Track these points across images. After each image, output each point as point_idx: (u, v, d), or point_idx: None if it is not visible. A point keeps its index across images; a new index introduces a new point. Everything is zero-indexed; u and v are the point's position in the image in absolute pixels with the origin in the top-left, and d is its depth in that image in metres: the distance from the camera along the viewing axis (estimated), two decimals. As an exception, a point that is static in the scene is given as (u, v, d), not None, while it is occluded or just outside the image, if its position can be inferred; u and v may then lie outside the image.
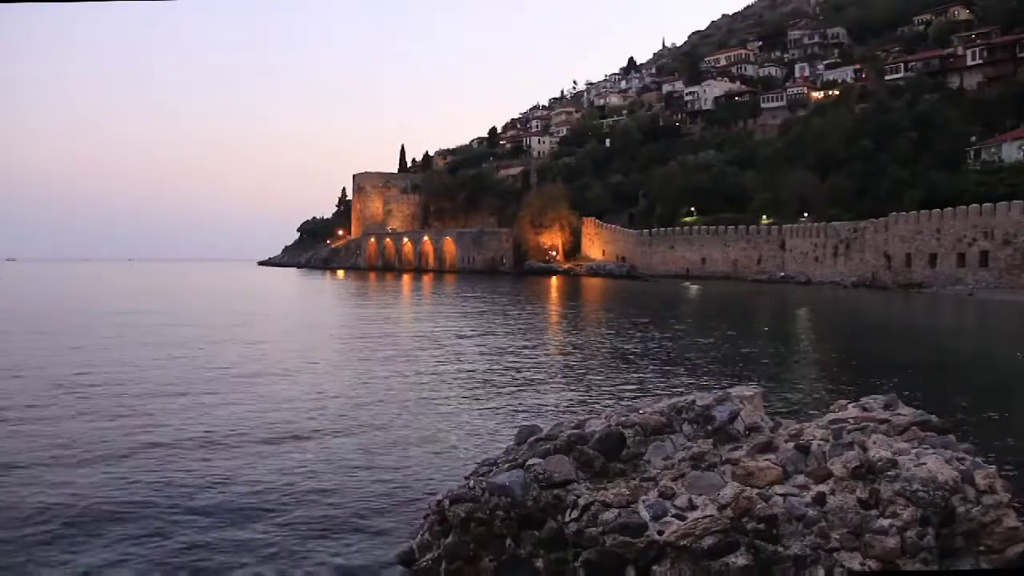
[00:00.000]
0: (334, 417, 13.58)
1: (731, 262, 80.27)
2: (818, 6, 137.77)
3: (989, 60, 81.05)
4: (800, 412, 12.49)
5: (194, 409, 14.11)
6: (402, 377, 18.25)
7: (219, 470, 10.07)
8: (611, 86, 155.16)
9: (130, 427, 12.58)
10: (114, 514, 8.33)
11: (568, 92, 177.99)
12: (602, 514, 5.32)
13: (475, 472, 6.23)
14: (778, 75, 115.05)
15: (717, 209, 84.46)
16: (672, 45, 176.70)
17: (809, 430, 5.84)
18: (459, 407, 14.53)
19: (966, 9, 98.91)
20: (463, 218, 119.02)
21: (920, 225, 59.57)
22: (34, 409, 13.98)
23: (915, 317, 39.36)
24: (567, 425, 6.41)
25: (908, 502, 4.87)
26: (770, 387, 15.44)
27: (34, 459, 10.56)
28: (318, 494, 9.07)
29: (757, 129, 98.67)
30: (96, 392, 15.77)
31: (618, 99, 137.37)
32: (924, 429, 5.76)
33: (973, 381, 17.61)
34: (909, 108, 76.95)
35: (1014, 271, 51.96)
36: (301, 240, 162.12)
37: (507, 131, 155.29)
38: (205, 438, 11.82)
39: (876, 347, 24.41)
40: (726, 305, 46.84)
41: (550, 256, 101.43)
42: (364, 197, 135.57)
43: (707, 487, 5.32)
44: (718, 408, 6.03)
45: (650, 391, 15.81)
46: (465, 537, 5.62)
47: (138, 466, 10.25)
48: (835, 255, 68.69)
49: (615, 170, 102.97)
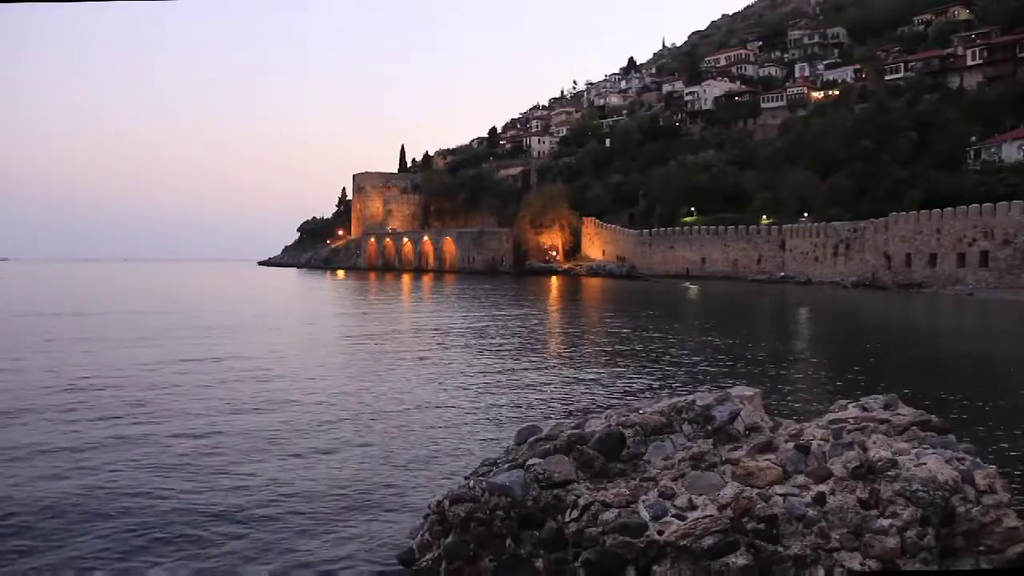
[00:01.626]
0: (333, 417, 13.58)
1: (731, 262, 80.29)
2: (818, 6, 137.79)
3: (989, 60, 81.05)
4: (800, 412, 12.49)
5: (194, 409, 14.11)
6: (402, 377, 18.25)
7: (218, 470, 10.06)
8: (611, 86, 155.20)
9: (130, 428, 12.57)
10: (115, 514, 8.32)
11: (568, 92, 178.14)
12: (602, 514, 5.32)
13: (475, 472, 6.23)
14: (778, 75, 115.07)
15: (717, 209, 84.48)
16: (672, 45, 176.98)
17: (809, 430, 5.84)
18: (459, 407, 14.53)
19: (966, 9, 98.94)
20: (463, 218, 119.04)
21: (920, 225, 59.58)
22: (34, 410, 13.98)
23: (915, 317, 39.36)
24: (567, 425, 6.41)
25: (908, 502, 4.87)
26: (770, 387, 15.44)
27: (31, 456, 10.56)
28: (318, 494, 9.07)
29: (757, 129, 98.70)
30: (95, 394, 15.76)
31: (618, 99, 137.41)
32: (924, 429, 5.76)
33: (973, 381, 17.61)
34: (909, 108, 76.97)
35: (1014, 271, 51.97)
36: (301, 240, 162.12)
37: (507, 131, 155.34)
38: (205, 438, 11.82)
39: (876, 347, 24.42)
40: (726, 305, 46.84)
41: (550, 256, 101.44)
42: (364, 197, 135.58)
43: (707, 487, 5.32)
44: (718, 408, 6.03)
45: (650, 391, 15.81)
46: (465, 537, 5.62)
47: (138, 467, 10.24)
48: (835, 255, 68.70)
49: (615, 170, 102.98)
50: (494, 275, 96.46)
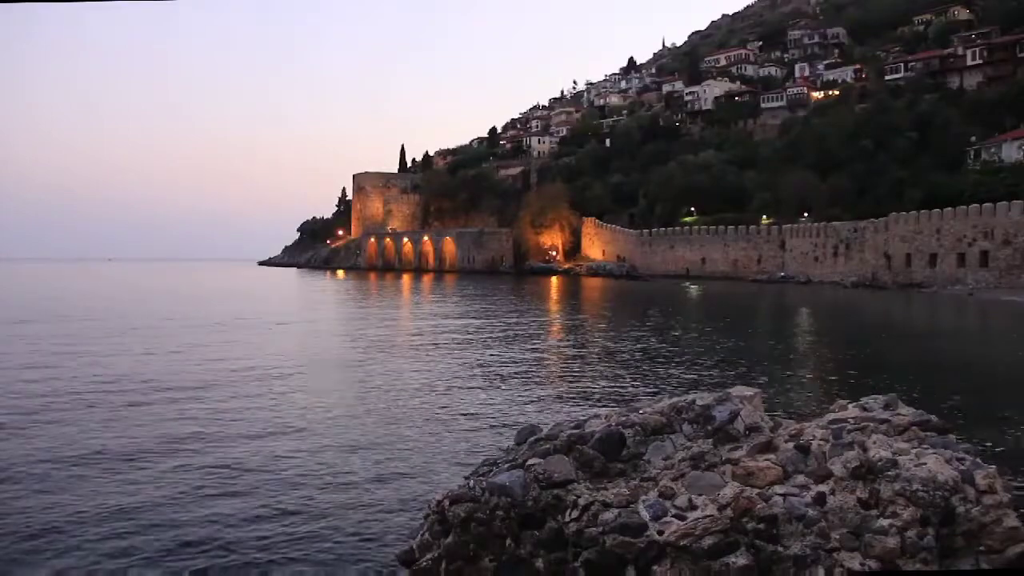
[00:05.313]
0: (333, 417, 13.58)
1: (731, 262, 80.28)
2: (818, 6, 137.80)
3: (989, 60, 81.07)
4: (800, 412, 12.49)
5: (194, 410, 14.11)
6: (402, 377, 18.25)
7: (218, 469, 10.06)
8: (611, 86, 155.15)
9: (129, 428, 12.57)
10: (115, 514, 8.32)
11: (568, 92, 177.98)
12: (602, 514, 5.32)
13: (475, 472, 6.23)
14: (778, 75, 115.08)
15: (717, 209, 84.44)
16: (672, 45, 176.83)
17: (809, 430, 5.84)
18: (458, 407, 14.53)
19: (966, 9, 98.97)
20: (463, 218, 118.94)
21: (920, 225, 59.58)
22: (36, 412, 13.99)
23: (915, 317, 39.36)
24: (567, 425, 6.41)
25: (908, 502, 4.87)
26: (770, 387, 15.44)
27: (34, 458, 10.56)
28: (318, 494, 9.07)
29: (757, 129, 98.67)
30: (94, 394, 15.77)
31: (618, 99, 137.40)
32: (924, 429, 5.75)
33: (973, 381, 17.61)
34: (909, 108, 76.98)
35: (1014, 271, 51.96)
36: (301, 240, 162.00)
37: (507, 131, 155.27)
38: (203, 438, 11.82)
39: (876, 347, 24.41)
40: (726, 305, 46.83)
41: (550, 256, 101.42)
42: (364, 197, 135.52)
43: (707, 487, 5.32)
44: (718, 408, 6.03)
45: (650, 391, 15.81)
46: (465, 537, 5.62)
47: (138, 467, 10.24)
48: (835, 255, 68.70)
49: (615, 170, 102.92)
50: (494, 275, 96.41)
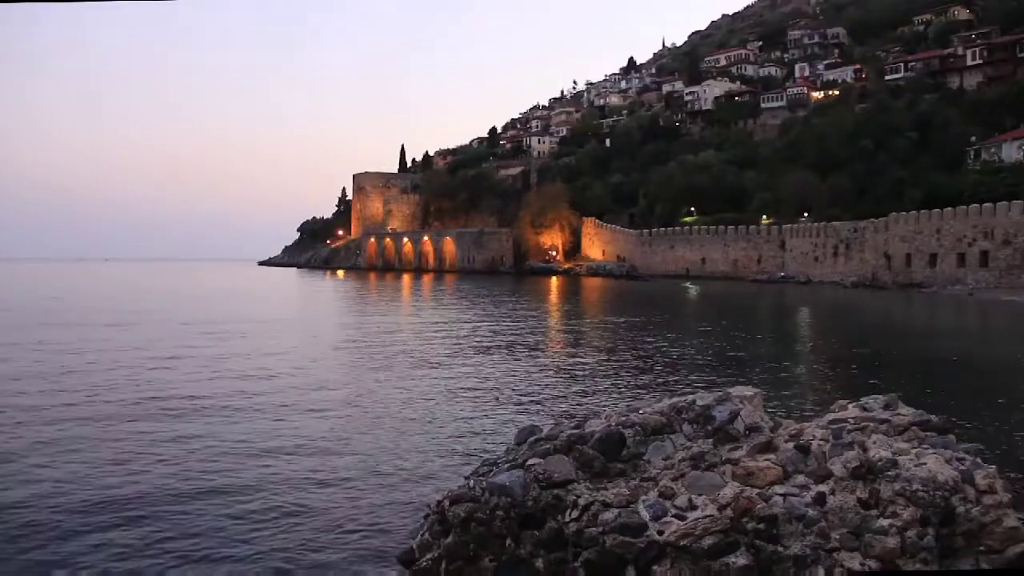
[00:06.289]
0: (333, 416, 13.57)
1: (731, 262, 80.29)
2: (818, 6, 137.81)
3: (989, 60, 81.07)
4: (800, 412, 12.49)
5: (193, 410, 14.10)
6: (401, 377, 18.24)
7: (216, 470, 10.06)
8: (611, 86, 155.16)
9: (130, 428, 12.57)
10: (115, 514, 8.32)
11: (568, 92, 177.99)
12: (602, 514, 5.32)
13: (475, 472, 6.23)
14: (778, 75, 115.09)
15: (717, 209, 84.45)
16: (672, 45, 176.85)
17: (809, 430, 5.84)
18: (458, 407, 14.53)
19: (966, 9, 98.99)
20: (463, 218, 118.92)
21: (920, 225, 59.58)
22: (37, 410, 13.98)
23: (915, 317, 39.35)
24: (567, 425, 6.41)
25: (908, 502, 4.87)
26: (770, 387, 15.43)
27: (33, 456, 10.56)
28: (318, 494, 9.07)
29: (757, 129, 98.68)
30: (92, 395, 15.77)
31: (618, 99, 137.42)
32: (924, 429, 5.76)
33: (973, 381, 17.61)
34: (909, 108, 76.99)
35: (1014, 271, 51.96)
36: (301, 240, 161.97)
37: (507, 131, 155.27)
38: (202, 438, 11.82)
39: (876, 347, 24.41)
40: (726, 305, 46.82)
41: (550, 256, 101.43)
42: (364, 197, 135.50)
43: (707, 487, 5.32)
44: (718, 408, 6.03)
45: (650, 391, 15.81)
46: (465, 537, 5.62)
47: (138, 468, 10.24)
48: (835, 255, 68.71)
49: (615, 170, 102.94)
50: (494, 275, 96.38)
